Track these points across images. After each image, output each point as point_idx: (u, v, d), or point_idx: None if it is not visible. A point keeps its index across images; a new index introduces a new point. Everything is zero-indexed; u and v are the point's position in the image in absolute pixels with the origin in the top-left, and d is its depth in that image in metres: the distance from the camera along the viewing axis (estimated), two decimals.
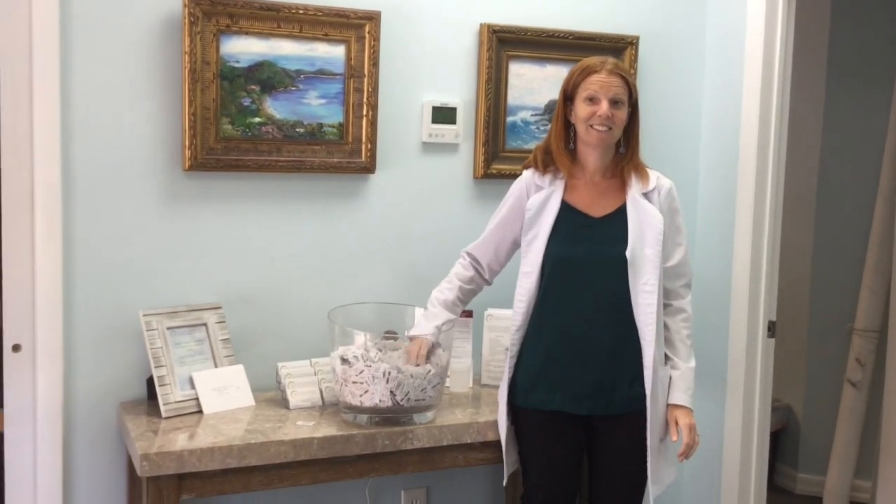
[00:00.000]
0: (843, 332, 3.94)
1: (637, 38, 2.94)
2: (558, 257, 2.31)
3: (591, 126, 2.29)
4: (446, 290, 2.48)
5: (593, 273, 2.30)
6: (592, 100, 2.28)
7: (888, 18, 3.80)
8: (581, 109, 2.30)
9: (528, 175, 2.43)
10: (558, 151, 2.37)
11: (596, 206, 2.35)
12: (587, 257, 2.30)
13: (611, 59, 2.34)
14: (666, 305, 2.36)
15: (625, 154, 2.37)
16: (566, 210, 2.35)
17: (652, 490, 2.31)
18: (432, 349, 2.37)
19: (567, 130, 2.37)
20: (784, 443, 4.11)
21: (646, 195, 2.34)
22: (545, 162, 2.40)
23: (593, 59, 2.33)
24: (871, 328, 3.85)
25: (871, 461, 3.83)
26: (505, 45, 2.79)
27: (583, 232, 2.33)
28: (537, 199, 2.37)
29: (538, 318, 2.34)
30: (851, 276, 3.93)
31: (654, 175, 2.38)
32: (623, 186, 2.35)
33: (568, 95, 2.35)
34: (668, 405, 2.34)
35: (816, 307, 4.02)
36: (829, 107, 3.93)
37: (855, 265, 3.91)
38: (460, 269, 2.50)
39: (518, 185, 2.44)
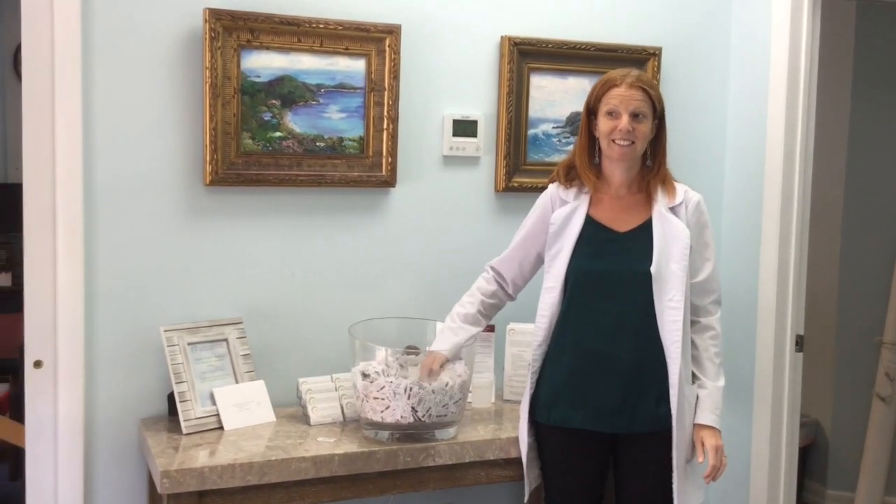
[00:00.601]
0: (871, 346, 3.88)
1: (660, 50, 2.91)
2: (581, 272, 2.28)
3: (613, 141, 2.26)
4: (468, 304, 2.45)
5: (617, 288, 2.26)
6: (613, 114, 2.25)
7: None
8: (603, 124, 2.28)
9: (552, 189, 2.41)
10: (583, 166, 2.35)
11: (621, 221, 2.32)
12: (611, 272, 2.27)
13: (634, 72, 2.30)
14: (694, 322, 2.32)
15: (651, 168, 2.34)
16: (590, 225, 2.32)
17: None
18: (445, 365, 2.34)
19: (592, 145, 2.35)
20: (812, 459, 4.04)
21: (672, 209, 2.30)
22: (569, 176, 2.38)
23: (615, 73, 2.30)
24: None
25: None
26: (526, 57, 2.77)
27: (607, 247, 2.30)
28: (561, 214, 2.34)
29: (561, 333, 2.31)
30: (880, 288, 3.87)
31: (681, 189, 2.34)
32: (649, 201, 2.31)
33: (591, 110, 2.32)
34: (694, 425, 2.29)
35: (844, 320, 3.96)
36: (855, 115, 3.88)
37: (883, 277, 3.85)
38: (483, 283, 2.48)
39: (543, 200, 2.42)
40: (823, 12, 2.87)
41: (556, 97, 2.83)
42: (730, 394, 2.73)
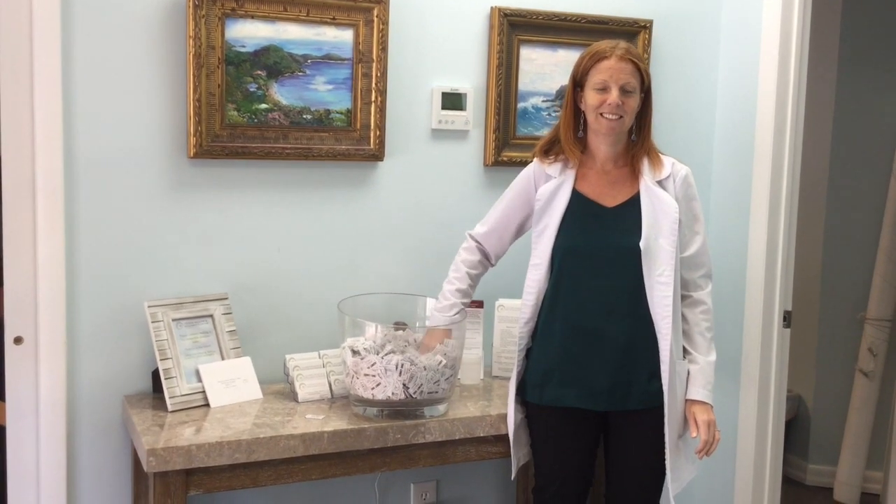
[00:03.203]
0: (855, 322, 3.90)
1: (650, 22, 2.88)
2: (568, 248, 2.25)
3: (601, 114, 2.21)
4: (455, 279, 2.43)
5: (606, 264, 2.23)
6: (602, 87, 2.20)
7: None
8: (591, 97, 2.23)
9: (535, 165, 2.37)
10: (567, 140, 2.30)
11: (608, 196, 2.28)
12: (599, 248, 2.24)
13: (622, 44, 2.24)
14: (684, 297, 2.30)
15: (636, 141, 2.30)
16: (577, 200, 2.28)
17: (671, 488, 2.24)
18: (446, 341, 2.32)
19: (577, 118, 2.30)
20: (794, 433, 4.06)
21: (660, 183, 2.27)
22: (549, 153, 2.34)
23: (603, 44, 2.24)
24: (883, 317, 3.81)
25: (882, 452, 3.80)
26: (516, 28, 2.73)
27: (594, 222, 2.27)
28: (547, 189, 2.31)
29: (549, 311, 2.28)
30: (864, 265, 3.89)
31: (668, 162, 2.31)
32: (635, 175, 2.28)
33: (577, 82, 2.27)
34: (686, 400, 2.28)
35: (828, 296, 3.97)
36: (840, 92, 3.88)
37: (867, 254, 3.87)
38: (466, 256, 2.44)
39: (525, 174, 2.38)
40: None
41: (546, 70, 2.79)
42: (717, 370, 2.72)
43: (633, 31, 2.86)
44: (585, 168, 2.31)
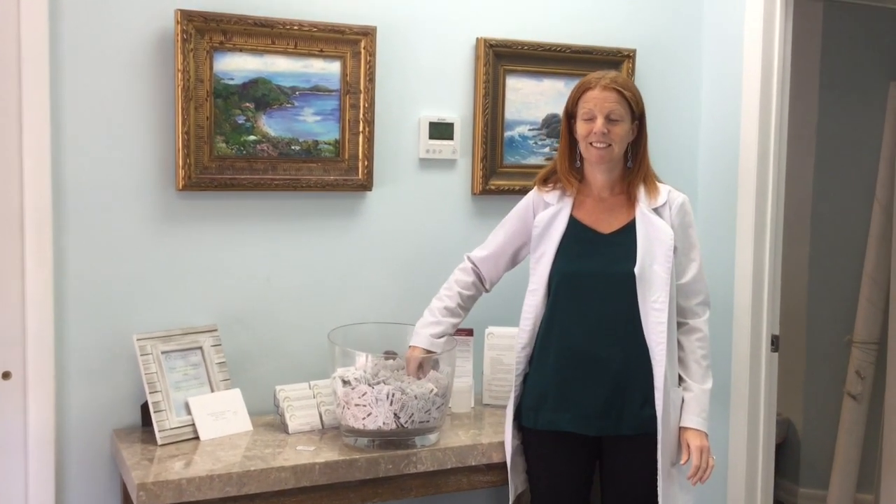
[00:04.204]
0: (842, 345, 3.92)
1: (634, 52, 2.92)
2: (564, 273, 2.27)
3: (591, 144, 2.26)
4: (445, 297, 2.43)
5: (601, 290, 2.25)
6: (589, 117, 2.25)
7: (879, 26, 3.79)
8: (580, 127, 2.28)
9: (534, 193, 2.41)
10: (563, 170, 2.35)
11: (604, 222, 2.31)
12: (594, 274, 2.26)
13: (609, 74, 2.28)
14: (681, 324, 2.31)
15: (632, 168, 2.33)
16: (574, 226, 2.31)
17: None
18: (428, 358, 2.32)
19: (572, 149, 2.35)
20: (785, 457, 4.07)
21: (656, 210, 2.30)
22: (545, 180, 2.39)
23: (591, 76, 2.29)
24: (870, 340, 3.83)
25: (872, 474, 3.80)
26: (501, 59, 2.76)
27: (590, 248, 2.29)
28: (545, 216, 2.34)
29: (545, 336, 2.30)
30: (849, 288, 3.91)
31: (665, 189, 2.34)
32: (632, 202, 2.31)
33: (570, 114, 2.32)
34: (680, 428, 2.28)
35: (815, 319, 4.00)
36: (822, 116, 3.92)
37: (853, 276, 3.90)
38: (461, 276, 2.45)
39: (524, 201, 2.42)
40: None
41: (531, 99, 2.82)
42: None
43: (616, 61, 2.89)
44: (583, 196, 2.34)
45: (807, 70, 3.88)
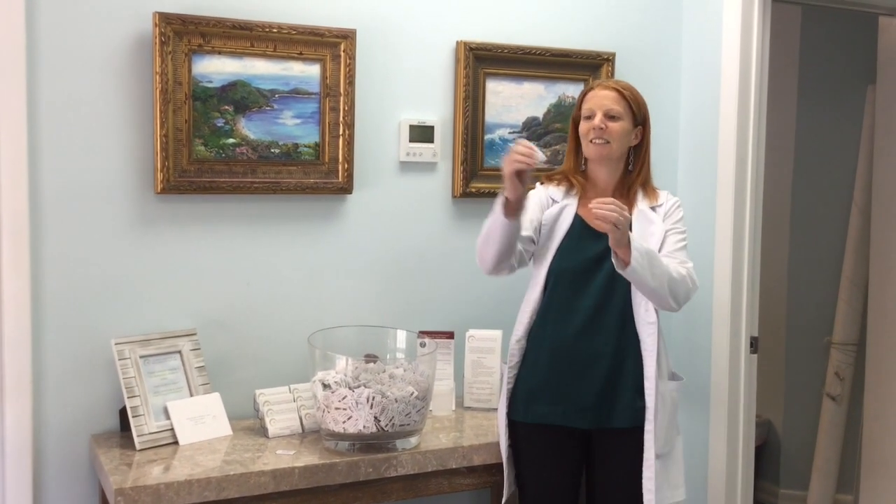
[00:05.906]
0: (821, 346, 3.95)
1: (613, 55, 2.93)
2: (560, 269, 2.32)
3: (591, 141, 2.31)
4: None
5: (593, 284, 2.29)
6: (589, 115, 2.32)
7: (857, 29, 3.82)
8: (581, 126, 2.36)
9: (541, 187, 2.44)
10: (569, 170, 2.41)
11: None
12: (587, 268, 2.30)
13: (613, 79, 2.38)
14: None
15: (632, 172, 2.38)
16: (576, 223, 2.36)
17: None
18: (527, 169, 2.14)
19: (578, 151, 2.41)
20: (765, 458, 4.09)
21: (653, 208, 2.36)
22: (553, 178, 2.43)
23: (594, 81, 2.38)
24: (849, 341, 3.85)
25: (852, 475, 3.83)
26: (482, 62, 2.76)
27: (586, 244, 2.32)
28: (552, 212, 2.38)
29: (540, 329, 2.33)
30: (828, 290, 3.94)
31: (663, 193, 2.41)
32: (632, 203, 2.35)
33: (575, 119, 2.40)
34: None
35: (794, 321, 4.02)
36: (801, 118, 3.95)
37: (831, 278, 3.93)
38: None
39: (536, 191, 2.41)
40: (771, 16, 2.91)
41: (511, 102, 2.83)
42: (686, 397, 2.77)
43: (596, 64, 2.90)
44: (588, 196, 2.37)
45: (785, 73, 3.91)
